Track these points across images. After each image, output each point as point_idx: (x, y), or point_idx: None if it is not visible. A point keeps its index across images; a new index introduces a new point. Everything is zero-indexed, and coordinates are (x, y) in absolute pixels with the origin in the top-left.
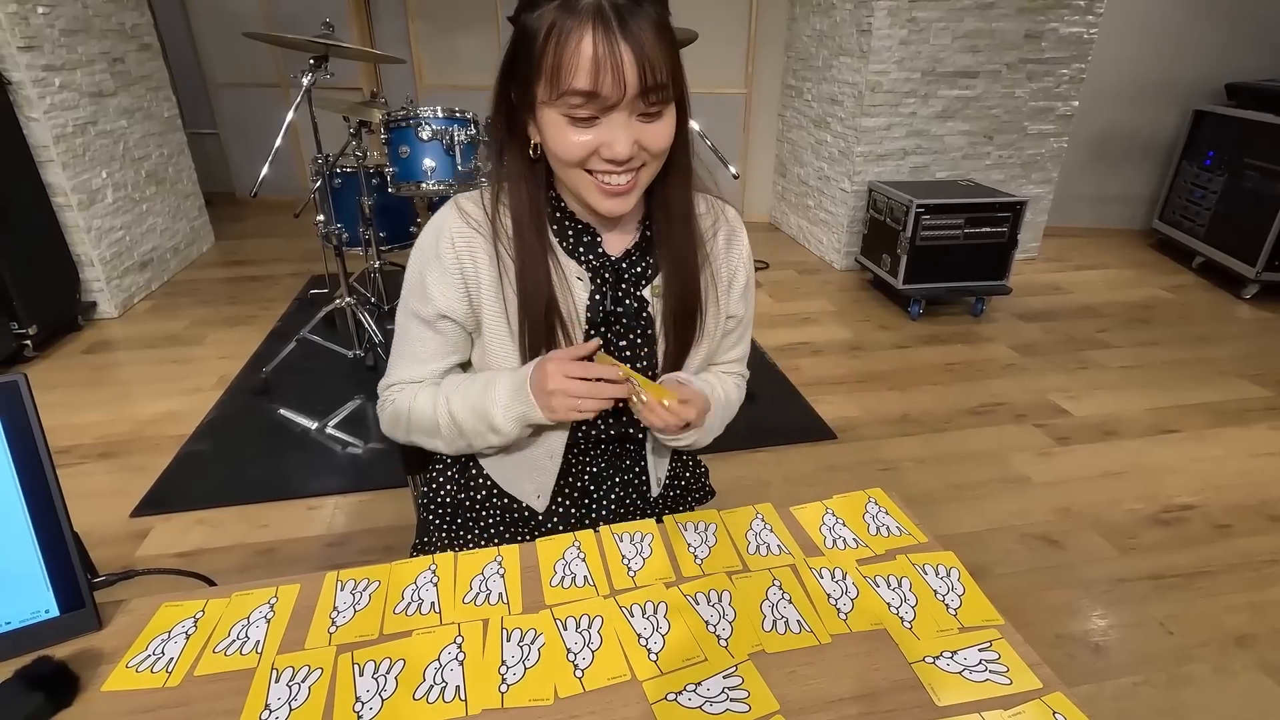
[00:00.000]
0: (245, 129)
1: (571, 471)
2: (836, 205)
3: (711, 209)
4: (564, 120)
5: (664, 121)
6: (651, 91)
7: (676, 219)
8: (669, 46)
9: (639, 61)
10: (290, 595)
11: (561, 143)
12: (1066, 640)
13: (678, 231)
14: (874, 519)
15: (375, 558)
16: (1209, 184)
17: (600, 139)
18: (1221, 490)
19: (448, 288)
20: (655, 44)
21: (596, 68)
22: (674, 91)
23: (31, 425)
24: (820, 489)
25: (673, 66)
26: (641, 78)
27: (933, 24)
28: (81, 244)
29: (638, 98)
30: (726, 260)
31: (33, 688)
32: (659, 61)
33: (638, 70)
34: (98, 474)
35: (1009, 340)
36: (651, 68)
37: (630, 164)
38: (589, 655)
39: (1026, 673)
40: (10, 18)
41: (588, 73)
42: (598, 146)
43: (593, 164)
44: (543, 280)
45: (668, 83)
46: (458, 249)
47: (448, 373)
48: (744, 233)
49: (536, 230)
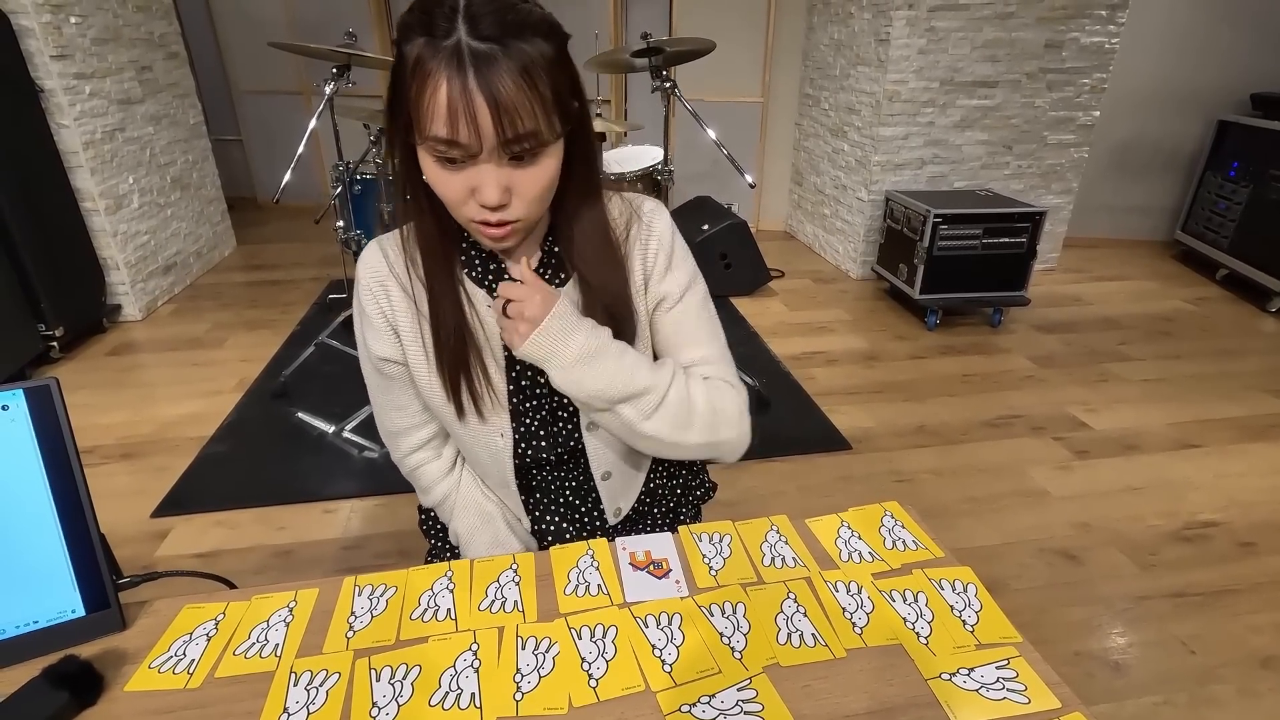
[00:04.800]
0: (268, 135)
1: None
2: (853, 214)
3: (625, 209)
4: (434, 163)
5: (539, 167)
6: (514, 141)
7: (586, 237)
8: (545, 88)
9: (494, 113)
10: (309, 599)
11: (437, 185)
12: (1085, 658)
13: (591, 249)
14: (890, 532)
15: (391, 562)
16: (1233, 195)
17: (469, 182)
18: (1246, 507)
19: (375, 333)
20: (518, 91)
21: (452, 116)
22: (555, 132)
23: (62, 428)
24: (835, 500)
25: (553, 107)
26: (498, 129)
27: (951, 33)
28: (108, 248)
29: (501, 147)
30: (642, 256)
31: (58, 686)
32: (523, 110)
33: (493, 122)
34: (119, 474)
35: (1027, 352)
36: (511, 118)
37: (505, 210)
38: (603, 665)
39: (1045, 692)
40: (44, 27)
41: (444, 121)
42: (469, 189)
43: (469, 209)
44: (451, 311)
45: (537, 129)
46: (374, 293)
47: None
48: (662, 216)
49: (442, 262)
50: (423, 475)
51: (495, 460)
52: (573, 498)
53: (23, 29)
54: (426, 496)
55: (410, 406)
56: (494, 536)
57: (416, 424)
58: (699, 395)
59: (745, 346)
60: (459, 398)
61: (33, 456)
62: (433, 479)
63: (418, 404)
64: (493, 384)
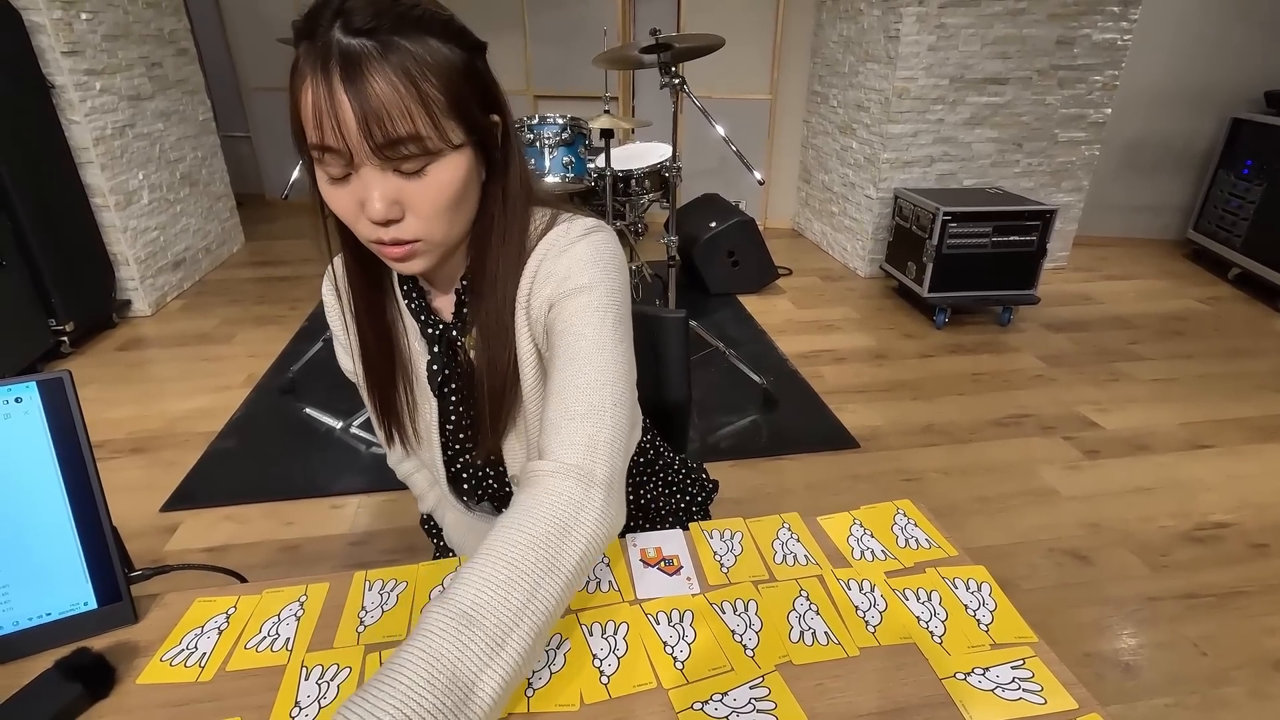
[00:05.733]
0: (276, 132)
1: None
2: (861, 212)
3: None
4: (324, 178)
5: (431, 179)
6: (388, 147)
7: (490, 284)
8: (434, 90)
9: (360, 113)
10: (320, 594)
11: (330, 203)
12: (1096, 659)
13: (491, 299)
14: (902, 531)
15: (398, 557)
16: (1246, 194)
17: (357, 195)
18: (1259, 508)
19: (341, 348)
20: (394, 92)
21: (318, 119)
22: (450, 140)
23: (75, 421)
24: (843, 498)
25: (447, 112)
26: (365, 131)
27: (962, 30)
28: (118, 243)
29: (375, 153)
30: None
31: (71, 678)
32: (397, 112)
33: (358, 124)
34: (129, 468)
35: (1037, 350)
36: (379, 120)
37: (399, 226)
38: (614, 662)
39: (1061, 692)
40: (55, 24)
41: (313, 124)
42: (358, 204)
43: (362, 226)
44: (376, 339)
45: (420, 135)
46: (331, 312)
47: None
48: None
49: (362, 289)
50: (413, 484)
51: (443, 487)
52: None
53: (34, 25)
54: (421, 503)
55: None
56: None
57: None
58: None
59: (753, 344)
60: (386, 422)
61: (46, 449)
62: (422, 488)
63: None
64: (419, 416)
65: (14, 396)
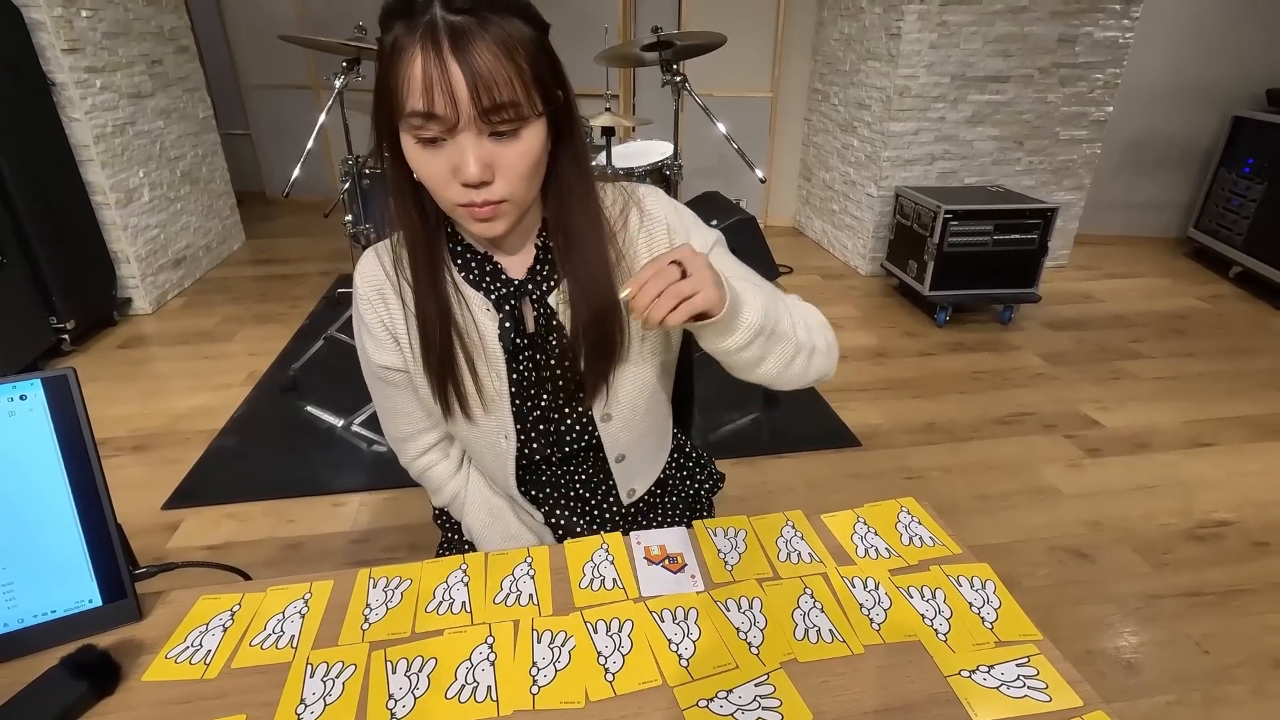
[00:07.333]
0: (277, 129)
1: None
2: (862, 210)
3: (619, 196)
4: (415, 144)
5: (522, 142)
6: (493, 111)
7: (580, 235)
8: (523, 62)
9: (470, 81)
10: (324, 591)
11: (418, 168)
12: (1098, 656)
13: (578, 250)
14: (906, 529)
15: (400, 555)
16: (1248, 192)
17: (451, 160)
18: (1260, 507)
19: (375, 342)
20: (496, 62)
21: (428, 88)
22: (536, 108)
23: (80, 418)
24: (845, 496)
25: (532, 83)
26: (474, 97)
27: (963, 28)
28: (118, 241)
29: (478, 118)
30: (648, 244)
31: (77, 676)
32: (500, 80)
33: (469, 90)
34: (131, 466)
35: (1038, 349)
36: (487, 87)
37: (489, 189)
38: (619, 659)
39: (1066, 690)
40: (56, 21)
41: (420, 93)
42: (451, 169)
43: (452, 190)
44: (439, 313)
45: (518, 101)
46: (372, 301)
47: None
48: (657, 199)
49: (427, 260)
50: (432, 477)
51: (500, 461)
52: (583, 490)
53: (34, 22)
54: (437, 497)
55: (415, 412)
56: (505, 531)
57: (422, 429)
58: (788, 304)
59: None
60: (445, 398)
61: (50, 446)
62: (442, 479)
63: (422, 409)
64: (484, 386)
65: (19, 394)
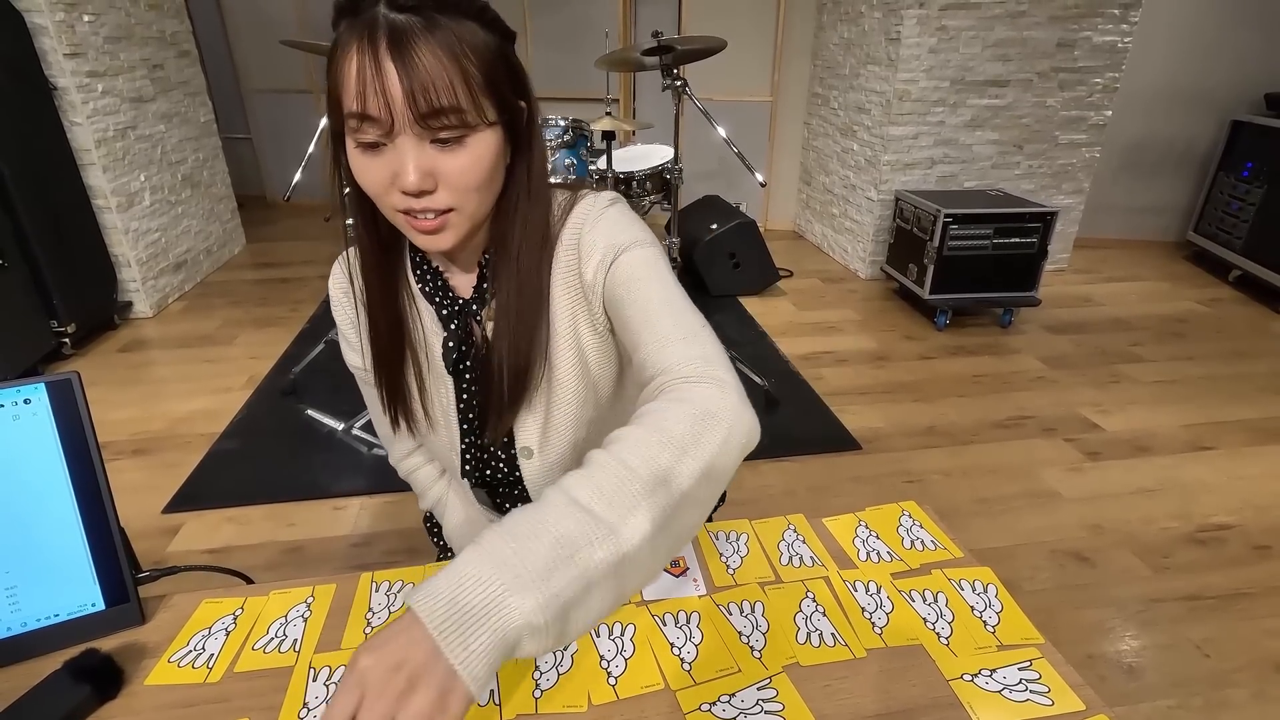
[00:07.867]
0: (277, 134)
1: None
2: (862, 214)
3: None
4: (355, 148)
5: (468, 151)
6: (431, 116)
7: (507, 258)
8: (472, 67)
9: (406, 82)
10: (326, 595)
11: (359, 173)
12: (1098, 660)
13: (507, 272)
14: (908, 532)
15: (400, 559)
16: (1247, 196)
17: (391, 166)
18: (1261, 510)
19: (348, 345)
20: (438, 64)
21: (362, 87)
22: (485, 117)
23: (83, 422)
24: (845, 500)
25: (483, 90)
26: (410, 100)
27: (963, 32)
28: (119, 245)
29: (415, 121)
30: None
31: (80, 680)
32: (440, 84)
33: (404, 92)
34: (131, 470)
35: (1038, 352)
36: (424, 90)
37: (432, 197)
38: (622, 663)
39: (1069, 694)
40: (58, 26)
41: (355, 93)
42: (391, 175)
43: (393, 197)
44: (389, 325)
45: (460, 107)
46: (342, 305)
47: None
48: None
49: (376, 271)
50: (416, 480)
51: (456, 475)
52: None
53: (36, 27)
54: (423, 500)
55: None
56: None
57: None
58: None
59: (754, 346)
60: (393, 410)
61: (54, 450)
62: (425, 483)
63: None
64: (432, 399)
65: (23, 398)
